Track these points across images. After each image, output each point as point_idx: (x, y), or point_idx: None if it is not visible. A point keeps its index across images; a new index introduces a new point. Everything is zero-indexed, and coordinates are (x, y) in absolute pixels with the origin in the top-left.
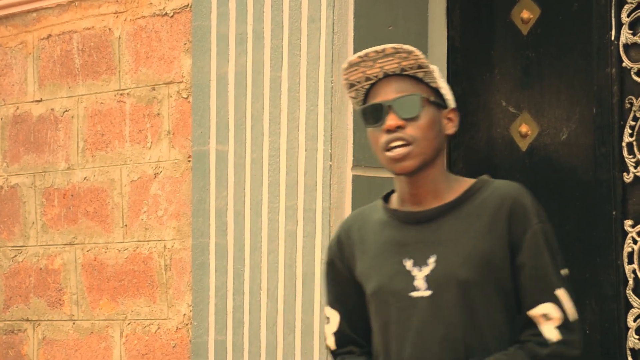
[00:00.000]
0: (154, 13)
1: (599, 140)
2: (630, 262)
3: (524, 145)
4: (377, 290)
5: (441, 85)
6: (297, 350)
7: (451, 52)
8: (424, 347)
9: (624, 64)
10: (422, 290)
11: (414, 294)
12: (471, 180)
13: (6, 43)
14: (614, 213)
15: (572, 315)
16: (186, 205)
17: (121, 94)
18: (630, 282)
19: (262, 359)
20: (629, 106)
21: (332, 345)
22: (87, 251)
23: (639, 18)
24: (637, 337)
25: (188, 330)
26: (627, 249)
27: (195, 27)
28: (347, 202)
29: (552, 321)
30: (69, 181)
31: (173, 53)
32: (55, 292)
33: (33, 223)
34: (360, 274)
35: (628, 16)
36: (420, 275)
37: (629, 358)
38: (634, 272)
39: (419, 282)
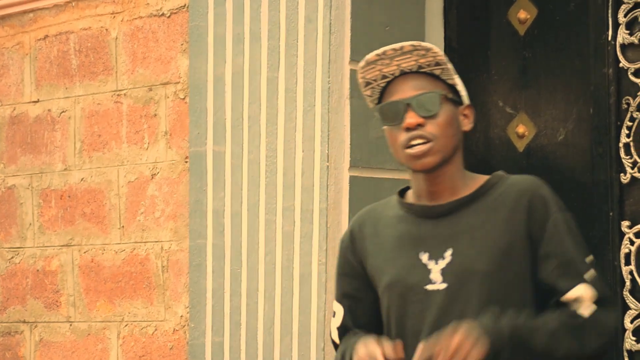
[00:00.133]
0: (151, 13)
1: (596, 141)
2: (627, 263)
3: (521, 145)
4: (393, 283)
5: (457, 81)
6: (294, 352)
7: (448, 52)
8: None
9: (620, 64)
10: (437, 284)
11: (430, 287)
12: (486, 176)
13: (3, 43)
14: (611, 214)
15: (605, 292)
16: (183, 206)
17: (118, 95)
18: (628, 283)
19: None
20: (626, 106)
21: (337, 340)
22: (84, 252)
23: (635, 18)
24: (634, 338)
25: (185, 332)
26: (624, 250)
27: (192, 28)
28: (344, 203)
29: (586, 301)
30: (66, 182)
31: (170, 54)
32: (52, 294)
33: (30, 224)
34: (374, 268)
35: (625, 16)
36: (436, 269)
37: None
38: (630, 273)
39: (435, 275)
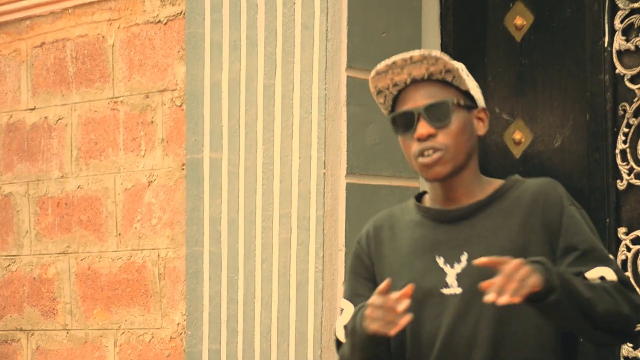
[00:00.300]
0: (148, 20)
1: (593, 147)
2: (624, 270)
3: (517, 152)
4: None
5: (470, 86)
6: (291, 359)
7: None
8: (453, 344)
9: (617, 71)
10: (453, 288)
11: (445, 291)
12: (502, 180)
13: None
14: (607, 220)
15: (629, 280)
16: (180, 213)
17: (115, 102)
18: None
19: None
20: (622, 113)
21: (341, 338)
22: (81, 260)
23: (632, 24)
24: (631, 345)
25: (182, 340)
26: (621, 257)
27: (189, 35)
28: (341, 210)
29: (611, 280)
30: (62, 190)
31: (167, 61)
32: (49, 302)
33: (27, 232)
34: (389, 272)
35: (621, 22)
36: (452, 273)
37: None
38: None
39: (451, 280)
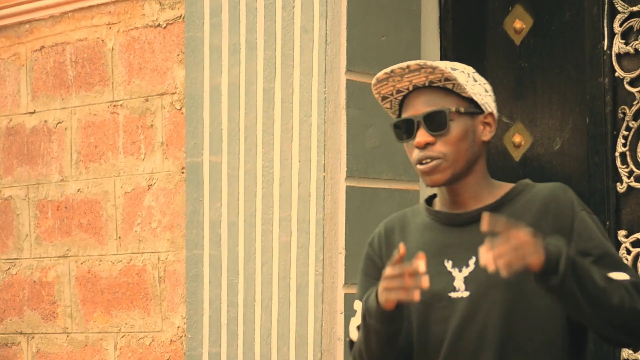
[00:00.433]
0: (147, 24)
1: (592, 150)
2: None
3: (517, 155)
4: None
5: (475, 91)
6: None
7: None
8: (460, 348)
9: (616, 74)
10: (461, 291)
11: (453, 294)
12: (512, 184)
13: None
14: (607, 223)
15: None
16: (180, 216)
17: (114, 106)
18: None
19: None
20: (622, 116)
21: (354, 338)
22: (81, 263)
23: (631, 28)
24: (631, 348)
25: (182, 343)
26: None
27: (188, 38)
28: (341, 213)
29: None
30: (62, 193)
31: (166, 64)
32: (49, 305)
33: (27, 235)
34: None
35: (620, 26)
36: (459, 276)
37: None
38: None
39: (458, 283)
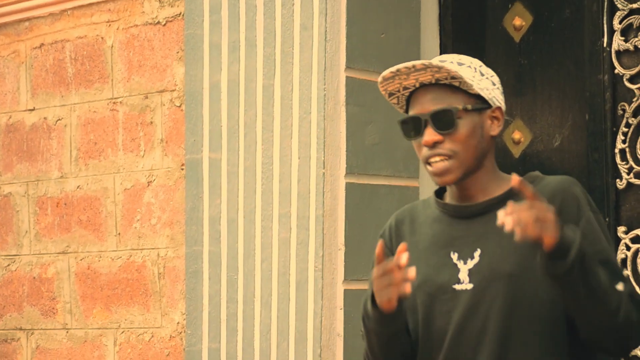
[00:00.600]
0: (147, 22)
1: (592, 147)
2: (624, 268)
3: (516, 152)
4: (423, 282)
5: (482, 86)
6: (291, 358)
7: None
8: (462, 340)
9: (616, 71)
10: (465, 284)
11: (457, 286)
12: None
13: None
14: (607, 219)
15: (638, 296)
16: (179, 213)
17: (114, 103)
18: None
19: None
20: (621, 112)
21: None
22: (81, 260)
23: (631, 25)
24: None
25: (182, 339)
26: (620, 256)
27: (188, 36)
28: (340, 210)
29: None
30: (62, 190)
31: (166, 61)
32: (49, 301)
33: (26, 232)
34: (407, 266)
35: (620, 23)
36: (464, 269)
37: None
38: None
39: (463, 275)
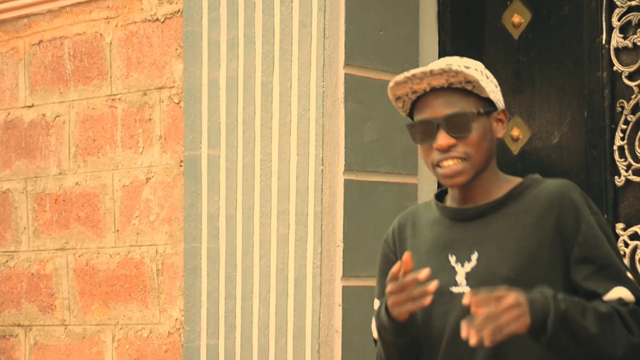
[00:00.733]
0: (145, 18)
1: (591, 144)
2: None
3: (515, 149)
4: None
5: (490, 89)
6: (289, 355)
7: (442, 56)
8: (459, 343)
9: (614, 68)
10: (462, 286)
11: (455, 289)
12: (520, 179)
13: None
14: (605, 216)
15: None
16: (178, 210)
17: (113, 99)
18: None
19: None
20: (620, 109)
21: (377, 337)
22: (79, 256)
23: (629, 22)
24: None
25: (180, 335)
26: None
27: (187, 33)
28: (339, 207)
29: (629, 303)
30: (60, 186)
31: (164, 58)
32: (47, 297)
33: (25, 228)
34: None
35: (619, 20)
36: (462, 272)
37: None
38: None
39: (460, 278)
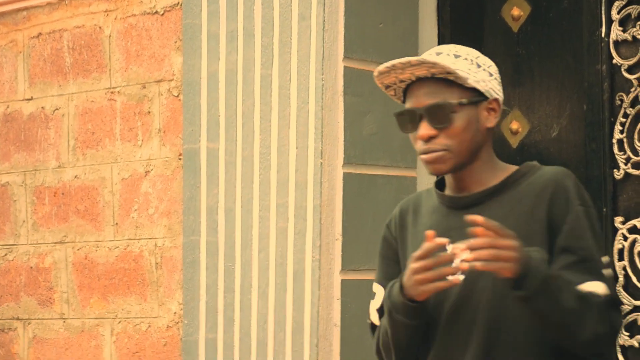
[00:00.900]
0: (145, 11)
1: (590, 137)
2: (621, 259)
3: (514, 142)
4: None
5: (478, 79)
6: (288, 348)
7: None
8: (452, 331)
9: (614, 61)
10: (457, 275)
11: (450, 277)
12: (517, 167)
13: None
14: (604, 210)
15: (617, 297)
16: (177, 203)
17: (112, 92)
18: (621, 279)
19: (253, 357)
20: (619, 103)
21: (375, 321)
22: (78, 249)
23: (629, 15)
24: (628, 334)
25: (179, 329)
26: (617, 246)
27: (186, 25)
28: (338, 200)
29: (600, 296)
30: (59, 179)
31: (163, 51)
32: (46, 291)
33: (24, 221)
34: (407, 256)
35: (618, 13)
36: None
37: (619, 355)
38: (624, 269)
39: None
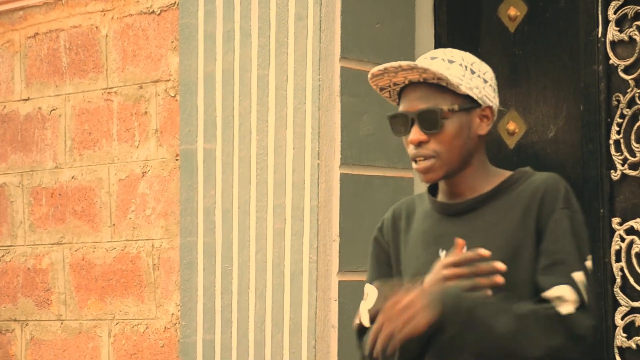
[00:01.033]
0: (141, 11)
1: (587, 138)
2: (618, 260)
3: (511, 142)
4: (413, 278)
5: (471, 86)
6: (285, 350)
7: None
8: (446, 340)
9: (610, 61)
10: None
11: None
12: (510, 172)
13: None
14: (601, 211)
15: (589, 300)
16: (174, 204)
17: (108, 93)
18: (618, 280)
19: (250, 358)
20: (616, 103)
21: (365, 322)
22: (75, 251)
23: (625, 15)
24: (625, 335)
25: (176, 330)
26: (614, 247)
27: (183, 25)
28: (335, 201)
29: (567, 303)
30: (56, 180)
31: (160, 51)
32: (43, 292)
33: (21, 222)
34: (402, 263)
35: (615, 13)
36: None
37: (617, 356)
38: (621, 270)
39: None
